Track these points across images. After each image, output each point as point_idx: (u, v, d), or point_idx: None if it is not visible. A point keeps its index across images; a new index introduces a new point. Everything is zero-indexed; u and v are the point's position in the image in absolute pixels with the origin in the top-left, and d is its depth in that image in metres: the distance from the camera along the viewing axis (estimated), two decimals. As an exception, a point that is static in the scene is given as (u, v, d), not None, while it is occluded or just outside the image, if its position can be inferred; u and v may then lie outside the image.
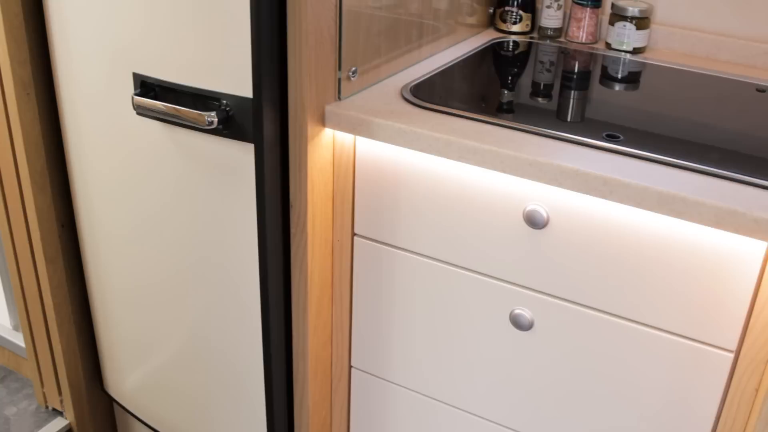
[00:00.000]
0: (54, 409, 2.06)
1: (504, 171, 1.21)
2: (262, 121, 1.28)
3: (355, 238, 1.44)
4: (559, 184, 1.18)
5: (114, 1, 1.37)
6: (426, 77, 1.48)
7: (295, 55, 1.27)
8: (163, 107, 1.36)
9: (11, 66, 1.55)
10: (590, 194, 1.16)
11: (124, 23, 1.38)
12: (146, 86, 1.41)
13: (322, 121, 1.34)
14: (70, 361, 1.90)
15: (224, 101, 1.31)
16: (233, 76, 1.28)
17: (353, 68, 1.36)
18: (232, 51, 1.26)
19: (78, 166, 1.63)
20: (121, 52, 1.41)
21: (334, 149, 1.39)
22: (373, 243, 1.43)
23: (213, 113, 1.30)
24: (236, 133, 1.32)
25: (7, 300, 2.14)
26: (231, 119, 1.32)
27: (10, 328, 2.18)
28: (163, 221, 1.52)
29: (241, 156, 1.34)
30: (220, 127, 1.32)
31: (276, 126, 1.31)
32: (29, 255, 1.78)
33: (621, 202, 1.13)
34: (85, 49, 1.47)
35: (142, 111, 1.39)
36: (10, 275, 1.93)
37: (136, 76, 1.41)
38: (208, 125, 1.30)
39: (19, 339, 2.13)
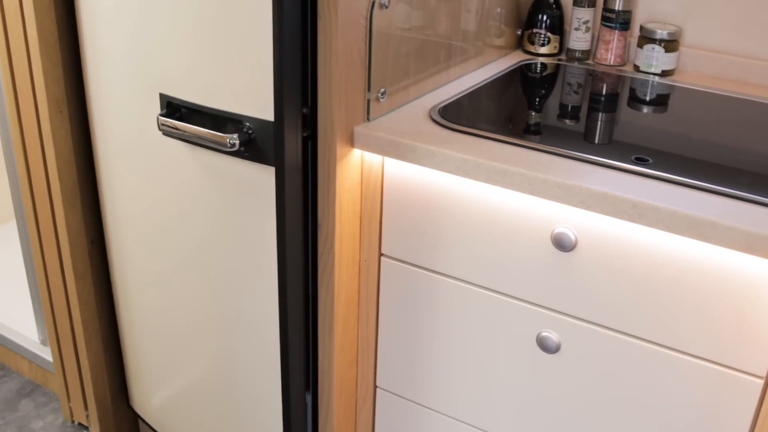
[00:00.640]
0: (80, 424, 2.07)
1: (532, 193, 1.21)
2: (284, 144, 1.28)
3: (382, 258, 1.45)
4: (588, 207, 1.17)
5: (143, 22, 1.39)
6: (454, 99, 1.48)
7: (325, 77, 1.28)
8: (186, 128, 1.37)
9: (45, 83, 1.58)
10: (619, 218, 1.15)
11: (153, 45, 1.40)
12: (172, 107, 1.42)
13: (351, 142, 1.34)
14: (97, 377, 1.91)
15: (247, 124, 1.32)
16: (255, 99, 1.29)
17: (382, 89, 1.37)
18: (255, 75, 1.28)
19: (107, 184, 1.65)
20: (149, 73, 1.43)
21: (362, 170, 1.39)
22: (400, 263, 1.43)
23: (235, 135, 1.31)
24: (258, 156, 1.33)
25: (35, 314, 2.17)
26: (253, 142, 1.33)
27: (38, 342, 2.20)
28: (186, 242, 1.54)
29: (263, 178, 1.35)
30: (243, 149, 1.33)
31: (298, 149, 1.32)
32: (59, 270, 1.80)
33: (650, 225, 1.13)
34: (115, 69, 1.49)
35: (166, 131, 1.41)
36: (39, 290, 1.95)
37: (162, 96, 1.43)
38: (230, 147, 1.31)
39: (46, 353, 2.15)
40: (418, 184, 1.35)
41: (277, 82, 1.24)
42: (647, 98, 1.60)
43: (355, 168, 1.38)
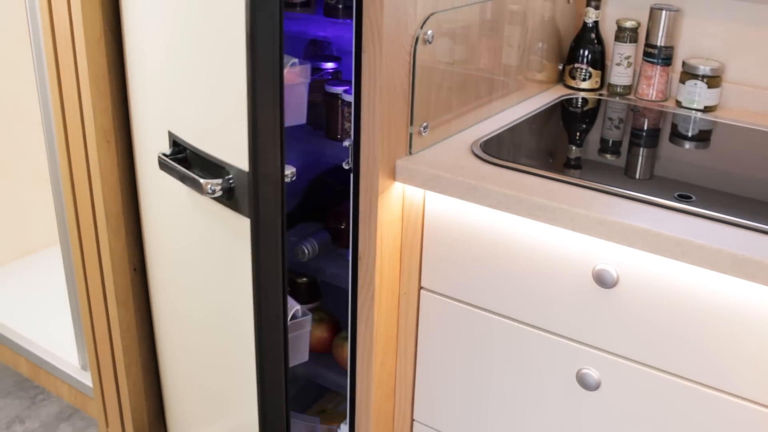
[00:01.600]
0: (117, 449, 2.09)
1: (574, 229, 1.21)
2: (258, 196, 1.24)
3: (422, 291, 1.45)
4: (630, 244, 1.17)
5: (162, 62, 1.41)
6: (495, 133, 1.49)
7: (368, 110, 1.29)
8: (176, 168, 1.37)
9: (94, 114, 1.61)
10: (662, 255, 1.15)
11: (166, 84, 1.41)
12: (178, 146, 1.42)
13: (393, 176, 1.35)
14: (136, 403, 1.93)
15: (229, 172, 1.31)
16: (235, 147, 1.27)
17: (424, 123, 1.38)
18: (235, 124, 1.25)
19: (146, 213, 1.67)
20: (163, 111, 1.45)
21: (403, 203, 1.40)
22: (440, 297, 1.43)
23: (218, 182, 1.29)
24: (236, 206, 1.31)
25: (76, 339, 2.19)
26: (233, 191, 1.31)
27: (78, 367, 2.22)
28: (198, 277, 1.54)
29: (244, 226, 1.33)
30: (225, 196, 1.32)
31: (278, 201, 1.26)
32: (101, 297, 1.83)
33: (694, 263, 1.12)
34: (146, 103, 1.51)
35: (163, 169, 1.42)
36: (81, 315, 1.97)
37: (170, 135, 1.44)
38: (211, 194, 1.29)
39: (86, 378, 2.17)
40: (459, 218, 1.36)
41: (251, 131, 1.20)
42: (689, 134, 1.60)
43: (397, 201, 1.39)
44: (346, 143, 1.37)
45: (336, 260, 1.70)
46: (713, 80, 1.65)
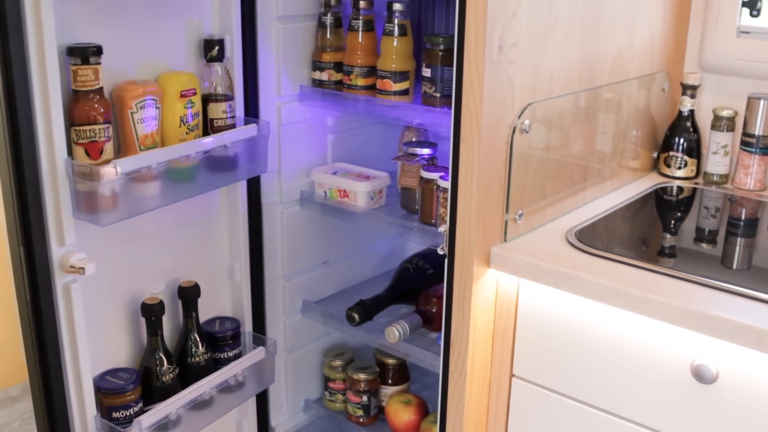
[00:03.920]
0: None
1: (672, 323, 1.19)
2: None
3: (514, 379, 1.44)
4: (731, 340, 1.14)
5: None
6: (590, 221, 1.49)
7: (465, 198, 1.31)
8: None
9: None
10: (764, 351, 1.12)
11: None
12: None
13: (488, 262, 1.36)
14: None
15: None
16: None
17: (520, 211, 1.39)
18: None
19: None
20: None
21: (497, 289, 1.40)
22: (532, 385, 1.42)
23: None
24: None
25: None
26: None
27: None
28: None
29: None
30: None
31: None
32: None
33: (799, 362, 1.09)
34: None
35: None
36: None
37: None
38: None
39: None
40: (554, 306, 1.35)
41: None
42: (789, 225, 1.57)
43: (490, 287, 1.39)
44: (441, 229, 1.38)
45: (426, 343, 1.70)
46: (814, 171, 1.62)
